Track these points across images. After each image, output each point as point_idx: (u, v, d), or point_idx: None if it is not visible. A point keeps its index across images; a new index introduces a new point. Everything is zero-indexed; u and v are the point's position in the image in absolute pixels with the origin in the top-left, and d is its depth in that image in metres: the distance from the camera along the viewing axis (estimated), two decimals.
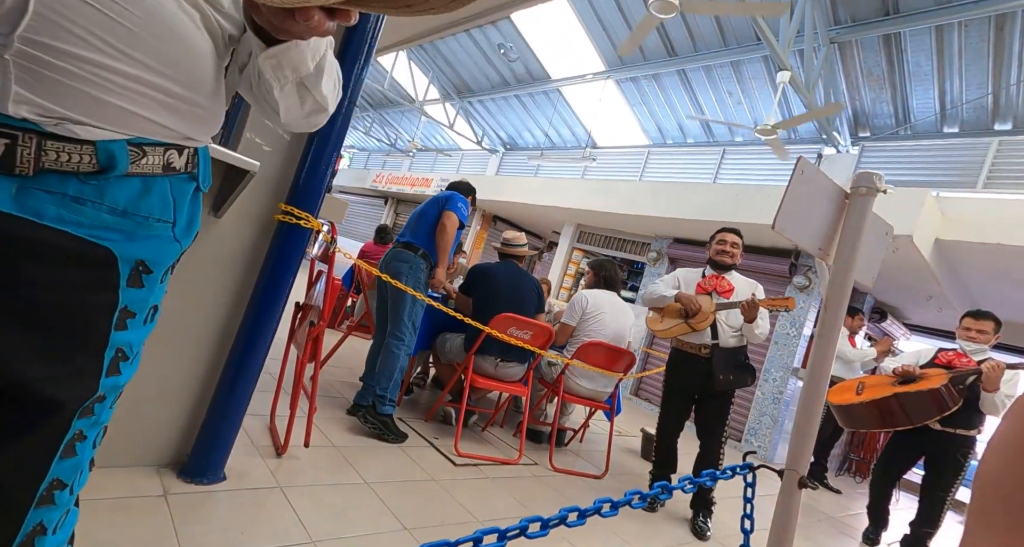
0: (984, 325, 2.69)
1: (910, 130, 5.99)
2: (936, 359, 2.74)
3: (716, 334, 2.41)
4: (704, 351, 2.44)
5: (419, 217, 2.63)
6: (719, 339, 2.41)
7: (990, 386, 2.46)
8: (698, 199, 5.37)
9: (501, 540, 0.58)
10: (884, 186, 0.88)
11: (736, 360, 2.43)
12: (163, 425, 1.52)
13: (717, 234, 2.60)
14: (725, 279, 2.52)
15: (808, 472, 3.33)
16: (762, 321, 2.40)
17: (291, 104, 0.61)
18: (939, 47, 5.08)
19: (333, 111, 0.67)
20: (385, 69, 10.10)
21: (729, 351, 2.42)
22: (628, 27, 6.83)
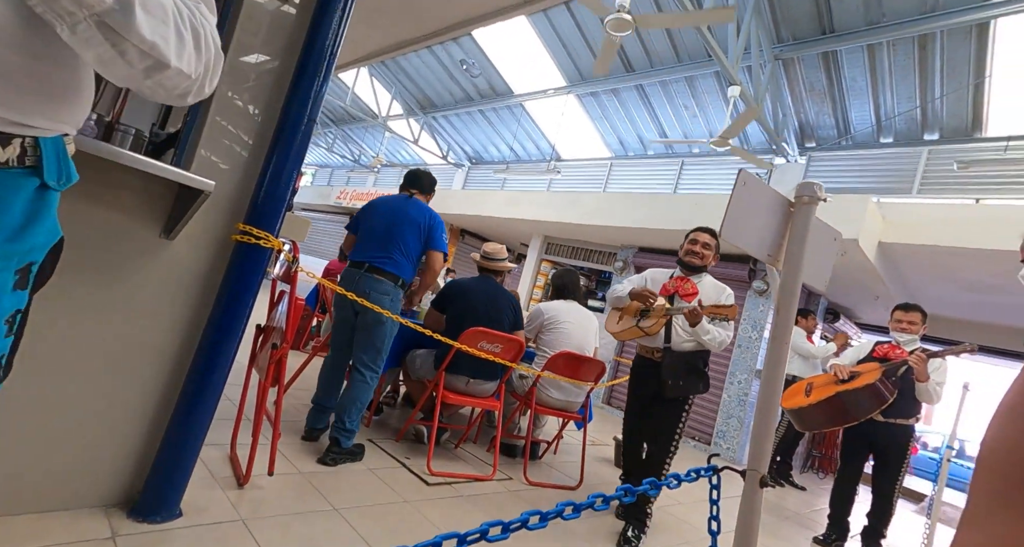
0: (913, 316, 2.89)
1: (851, 140, 6.40)
2: (874, 352, 2.91)
3: (669, 338, 2.32)
4: (657, 355, 2.35)
5: (393, 238, 2.35)
6: (671, 342, 2.31)
7: (921, 377, 2.64)
8: (660, 209, 5.54)
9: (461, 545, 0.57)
10: (824, 195, 0.94)
11: (688, 365, 2.29)
12: (110, 461, 1.43)
13: (691, 233, 2.47)
14: (690, 282, 2.39)
15: (776, 471, 3.41)
16: (718, 329, 2.27)
17: (105, 56, 0.46)
18: (871, 64, 5.47)
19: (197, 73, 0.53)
20: (347, 85, 10.03)
21: (681, 355, 2.30)
22: (586, 43, 7.05)
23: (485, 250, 2.93)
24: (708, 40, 4.70)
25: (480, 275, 2.93)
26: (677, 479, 0.83)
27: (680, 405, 2.30)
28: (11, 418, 1.26)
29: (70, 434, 1.35)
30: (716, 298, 2.32)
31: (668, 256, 6.04)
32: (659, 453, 2.29)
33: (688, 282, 2.39)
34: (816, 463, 5.69)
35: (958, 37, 4.88)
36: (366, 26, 3.23)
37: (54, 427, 1.33)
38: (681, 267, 2.46)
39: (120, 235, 1.37)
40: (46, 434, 1.32)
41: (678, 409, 2.30)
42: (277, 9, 1.60)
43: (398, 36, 3.53)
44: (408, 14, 3.05)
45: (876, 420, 2.73)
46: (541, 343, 3.02)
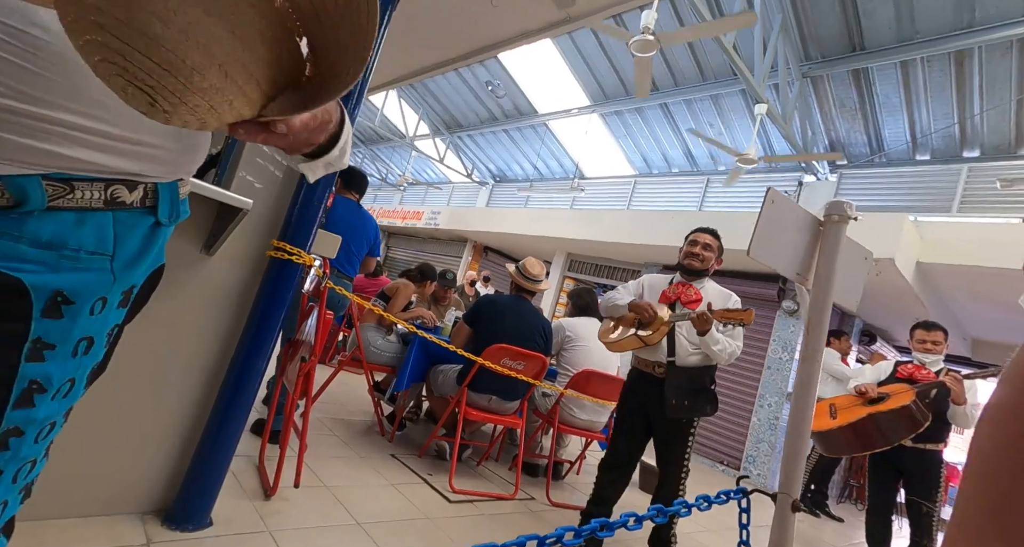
0: (936, 335, 2.75)
1: (884, 158, 6.24)
2: (897, 372, 2.76)
3: (673, 350, 2.06)
4: (659, 370, 2.10)
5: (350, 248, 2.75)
6: (676, 356, 2.06)
7: (959, 399, 2.49)
8: (684, 226, 5.47)
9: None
10: (855, 214, 0.93)
11: (695, 383, 2.04)
12: (147, 470, 1.48)
13: (690, 234, 2.26)
14: (693, 287, 2.15)
15: (810, 500, 3.22)
16: (728, 339, 2.04)
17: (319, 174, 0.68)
18: (905, 81, 5.36)
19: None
20: (376, 107, 10.38)
21: (687, 371, 2.05)
22: (609, 63, 7.14)
23: (528, 270, 2.81)
24: (734, 59, 4.70)
25: (515, 293, 2.85)
26: (707, 501, 0.81)
27: (687, 427, 2.07)
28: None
29: (112, 442, 1.41)
30: (724, 304, 2.10)
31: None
32: (670, 480, 2.09)
33: (691, 288, 2.16)
34: (854, 493, 5.41)
35: (997, 52, 4.75)
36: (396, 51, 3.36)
37: (98, 435, 1.39)
38: (681, 272, 2.22)
39: (168, 251, 1.45)
40: (90, 442, 1.38)
41: (684, 432, 2.07)
42: None
43: (426, 60, 3.65)
44: (437, 39, 3.16)
45: (904, 445, 2.58)
46: (563, 361, 2.99)
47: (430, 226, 9.24)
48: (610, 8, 2.66)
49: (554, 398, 2.81)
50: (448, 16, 2.90)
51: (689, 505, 0.77)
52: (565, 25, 2.82)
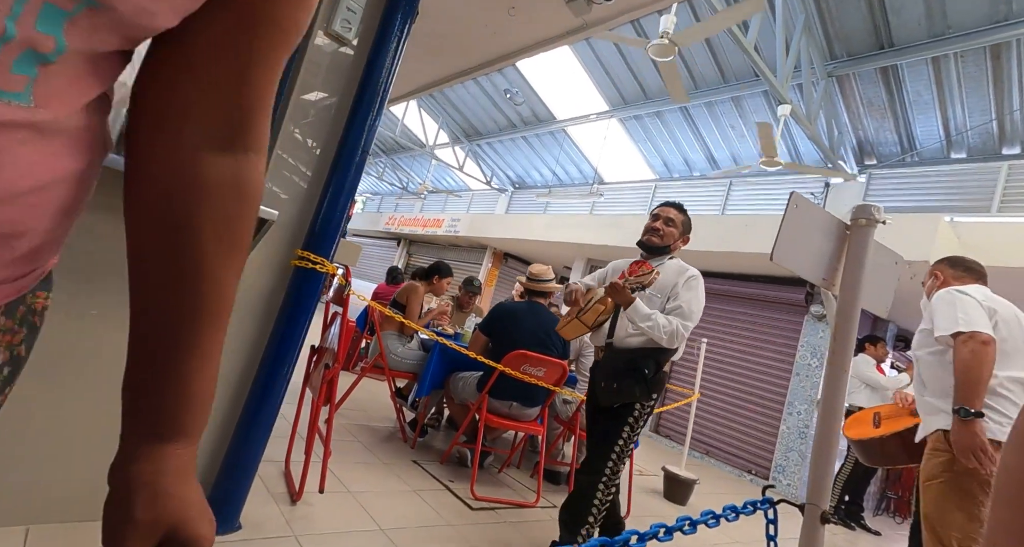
0: None
1: (916, 157, 6.03)
2: None
3: (613, 331, 1.94)
4: (600, 353, 1.99)
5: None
6: (614, 337, 1.92)
7: None
8: (707, 231, 5.40)
9: None
10: (883, 217, 0.90)
11: (627, 365, 1.82)
12: None
13: (655, 209, 2.10)
14: (648, 265, 1.98)
15: (844, 512, 3.10)
16: (665, 317, 1.81)
17: None
18: (937, 77, 5.18)
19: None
20: (396, 117, 10.57)
21: (624, 354, 1.87)
22: (628, 67, 7.12)
23: (531, 272, 2.90)
24: (755, 59, 4.63)
25: (528, 300, 2.89)
26: (735, 511, 0.79)
27: (620, 417, 1.81)
28: (91, 429, 1.38)
29: None
30: (674, 281, 1.92)
31: (716, 279, 5.84)
32: (583, 480, 1.81)
33: (644, 265, 1.99)
34: (892, 505, 5.18)
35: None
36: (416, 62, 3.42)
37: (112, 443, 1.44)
38: (641, 249, 2.06)
39: None
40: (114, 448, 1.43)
41: (618, 422, 1.81)
42: (336, 51, 1.74)
43: (446, 70, 3.71)
44: (455, 50, 3.21)
45: None
46: (582, 368, 2.97)
47: (450, 233, 9.33)
48: (627, 14, 2.65)
49: (575, 405, 2.79)
50: (466, 26, 2.95)
51: (717, 516, 0.75)
52: (582, 32, 2.83)
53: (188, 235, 0.34)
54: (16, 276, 0.32)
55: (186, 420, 0.36)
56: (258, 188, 0.37)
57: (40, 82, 0.26)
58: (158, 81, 0.33)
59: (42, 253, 0.33)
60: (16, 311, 0.34)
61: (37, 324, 0.37)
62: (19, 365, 0.36)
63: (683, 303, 1.85)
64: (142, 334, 0.35)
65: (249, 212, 0.37)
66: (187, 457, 0.36)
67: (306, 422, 2.00)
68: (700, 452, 5.39)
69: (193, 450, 0.37)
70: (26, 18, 0.23)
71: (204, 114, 0.33)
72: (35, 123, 0.26)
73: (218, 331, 0.37)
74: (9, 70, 0.24)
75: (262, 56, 0.34)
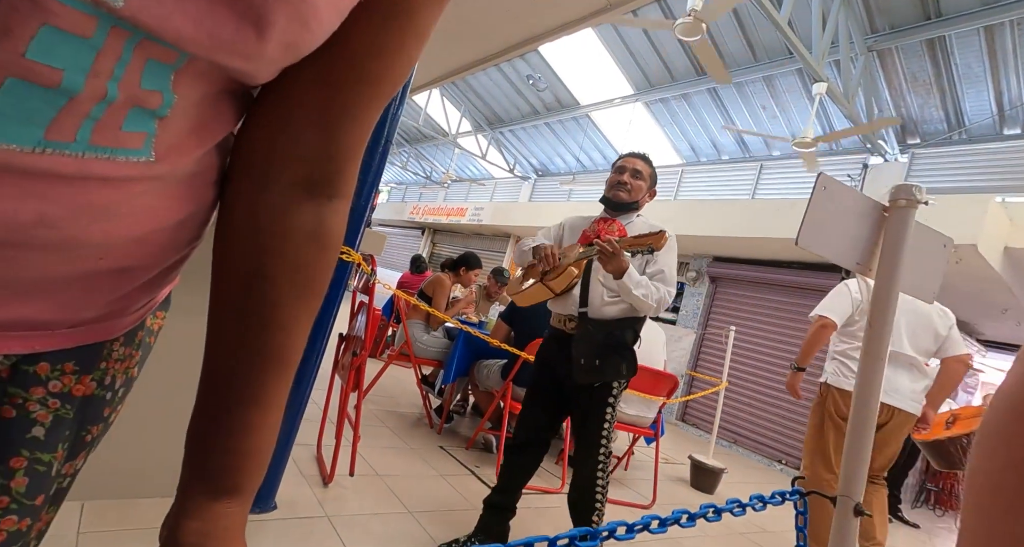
0: None
1: (965, 134, 5.68)
2: None
3: (586, 300, 1.67)
4: (570, 325, 1.70)
5: None
6: (589, 306, 1.66)
7: None
8: (736, 216, 5.25)
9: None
10: (925, 197, 0.85)
11: (611, 339, 1.61)
12: None
13: (618, 160, 1.85)
14: (617, 223, 1.76)
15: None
16: (654, 283, 1.62)
17: None
18: (990, 48, 4.84)
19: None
20: (419, 106, 10.59)
21: (602, 325, 1.64)
22: (654, 49, 6.91)
23: None
24: (788, 36, 4.42)
25: None
26: (762, 501, 0.77)
27: (603, 395, 1.64)
28: (144, 411, 1.46)
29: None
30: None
31: (747, 265, 5.69)
32: (584, 467, 1.65)
33: (614, 224, 1.76)
34: (933, 498, 5.01)
35: None
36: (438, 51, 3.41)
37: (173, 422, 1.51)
38: (606, 206, 1.81)
39: None
40: (167, 428, 1.51)
41: (600, 402, 1.64)
42: None
43: (468, 57, 3.68)
44: (477, 36, 3.18)
45: None
46: None
47: (474, 222, 9.34)
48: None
49: None
50: (488, 12, 2.91)
51: (743, 504, 0.74)
52: (606, 13, 2.76)
53: (263, 281, 0.34)
54: (137, 306, 0.33)
55: (241, 477, 0.35)
56: (338, 235, 0.37)
57: (160, 137, 0.26)
58: (253, 127, 0.34)
59: (162, 282, 0.35)
60: (135, 337, 0.36)
61: (151, 343, 0.39)
62: (131, 385, 0.37)
63: (664, 267, 1.65)
64: (209, 381, 0.35)
65: (327, 260, 0.36)
66: (238, 517, 0.35)
67: (336, 408, 2.06)
68: (728, 441, 5.31)
69: (245, 509, 0.36)
70: (129, 78, 0.24)
71: (290, 163, 0.33)
72: (155, 176, 0.27)
73: (282, 385, 0.36)
74: (120, 128, 0.25)
75: (349, 111, 0.33)
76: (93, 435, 0.35)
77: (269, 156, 0.33)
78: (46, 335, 0.29)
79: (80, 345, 0.31)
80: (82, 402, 0.33)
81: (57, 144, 0.23)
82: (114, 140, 0.25)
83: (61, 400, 0.31)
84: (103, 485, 1.43)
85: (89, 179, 0.24)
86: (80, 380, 0.32)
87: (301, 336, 0.36)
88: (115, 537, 1.32)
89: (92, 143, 0.24)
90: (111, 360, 0.34)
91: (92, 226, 0.26)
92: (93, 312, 0.30)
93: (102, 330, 0.32)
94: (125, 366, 0.35)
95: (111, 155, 0.25)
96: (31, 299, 0.27)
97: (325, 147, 0.34)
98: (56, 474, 0.33)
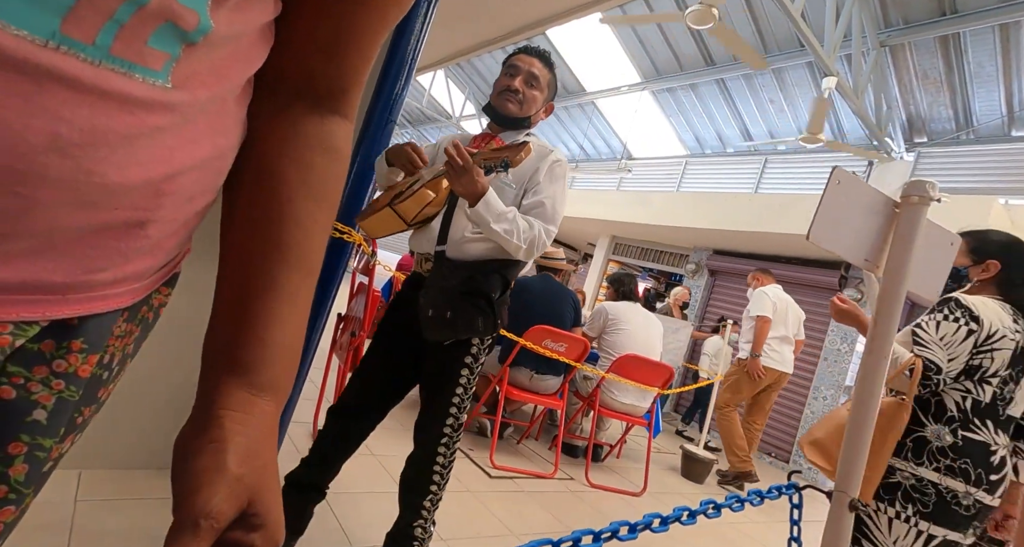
0: None
1: (973, 134, 5.64)
2: None
3: (446, 234, 1.31)
4: (426, 265, 1.35)
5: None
6: (448, 243, 1.30)
7: None
8: (739, 209, 5.23)
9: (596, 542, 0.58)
10: (938, 195, 0.84)
11: (466, 285, 1.24)
12: None
13: (509, 57, 1.41)
14: (499, 142, 1.37)
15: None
16: (524, 218, 1.26)
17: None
18: (1004, 46, 4.78)
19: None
20: (423, 87, 10.44)
21: (457, 267, 1.28)
22: (663, 37, 6.80)
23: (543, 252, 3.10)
24: (801, 28, 4.35)
25: (540, 273, 3.03)
26: (760, 496, 0.78)
27: (454, 357, 1.29)
28: (141, 383, 1.46)
29: (186, 404, 1.54)
30: (534, 167, 1.31)
31: (747, 260, 5.68)
32: (425, 437, 1.33)
33: (494, 142, 1.38)
34: None
35: None
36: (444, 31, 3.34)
37: (172, 394, 1.51)
38: (490, 117, 1.41)
39: None
40: (166, 400, 1.51)
41: (454, 363, 1.29)
42: None
43: (474, 39, 3.62)
44: (484, 18, 3.12)
45: None
46: (604, 345, 2.97)
47: None
48: None
49: (595, 381, 2.80)
50: None
51: (742, 500, 0.74)
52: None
53: (274, 179, 0.34)
54: (145, 273, 0.31)
55: (276, 371, 0.32)
56: (345, 150, 0.38)
57: (182, 63, 0.24)
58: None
59: (173, 247, 0.32)
60: (139, 312, 0.33)
61: (151, 320, 0.36)
62: (126, 364, 0.35)
63: (546, 199, 1.30)
64: (230, 279, 0.34)
65: (335, 169, 0.37)
66: (275, 418, 0.32)
67: (333, 387, 2.07)
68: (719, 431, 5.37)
69: (279, 412, 0.33)
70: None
71: (296, 82, 0.35)
72: (173, 105, 0.25)
73: (305, 278, 0.35)
74: (146, 42, 0.22)
75: (353, 38, 0.35)
76: (84, 417, 0.32)
77: (277, 77, 0.35)
78: (58, 300, 0.26)
79: (91, 314, 0.28)
80: (88, 383, 0.30)
81: (73, 42, 0.20)
82: (137, 54, 0.22)
83: (66, 381, 0.28)
84: (101, 455, 1.44)
85: (107, 97, 0.22)
86: (87, 360, 0.29)
87: (318, 237, 0.36)
88: (112, 506, 1.33)
89: (113, 52, 0.21)
90: (112, 336, 0.31)
91: (109, 160, 0.23)
92: (106, 275, 0.27)
93: (113, 299, 0.29)
94: (124, 343, 0.33)
95: (129, 70, 0.22)
96: (40, 256, 0.24)
97: (331, 70, 0.35)
98: (54, 460, 0.30)
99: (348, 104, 0.37)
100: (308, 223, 0.35)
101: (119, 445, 1.47)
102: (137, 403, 1.47)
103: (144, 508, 1.36)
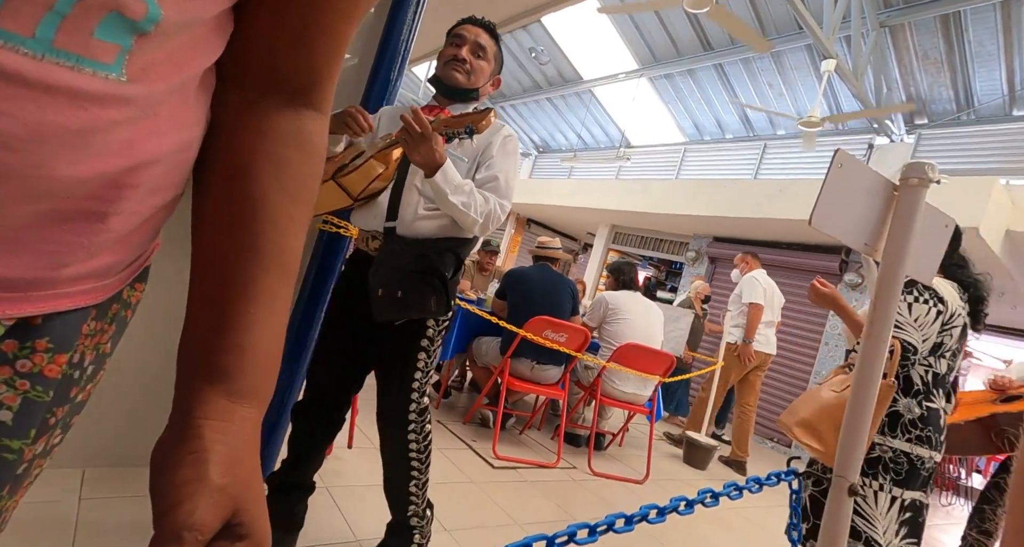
0: None
1: (974, 115, 5.58)
2: None
3: (396, 210, 1.24)
4: (373, 243, 1.29)
5: None
6: (399, 220, 1.23)
7: None
8: (738, 195, 5.20)
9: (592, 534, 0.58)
10: (938, 176, 0.83)
11: (417, 264, 1.18)
12: None
13: (454, 27, 1.36)
14: (447, 114, 1.31)
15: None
16: (481, 193, 1.21)
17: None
18: (1006, 24, 4.71)
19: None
20: (419, 78, 10.34)
21: (408, 245, 1.21)
22: (660, 22, 6.71)
23: (539, 240, 3.11)
24: (799, 9, 4.29)
25: (538, 263, 3.02)
26: (759, 483, 0.78)
27: (412, 338, 1.24)
28: (142, 380, 1.46)
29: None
30: (486, 141, 1.28)
31: (746, 246, 5.67)
32: (390, 439, 1.30)
33: (442, 114, 1.31)
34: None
35: None
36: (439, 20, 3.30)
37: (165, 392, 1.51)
38: (436, 88, 1.35)
39: None
40: (169, 396, 1.51)
41: (408, 345, 1.24)
42: None
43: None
44: (479, 5, 3.08)
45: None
46: (605, 334, 2.97)
47: None
48: None
49: (596, 370, 2.81)
50: None
51: (740, 488, 0.74)
52: None
53: (247, 177, 0.33)
54: (112, 269, 0.30)
55: (257, 377, 0.31)
56: (320, 145, 0.36)
57: (135, 54, 0.23)
58: (231, 45, 0.32)
59: (140, 241, 0.31)
60: (109, 310, 0.32)
61: (128, 318, 0.36)
62: (102, 362, 0.34)
63: (499, 173, 1.25)
64: (203, 281, 0.32)
65: (311, 164, 0.36)
66: (257, 425, 0.31)
67: None
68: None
69: (260, 419, 0.32)
70: None
71: (267, 73, 0.34)
72: (129, 98, 0.24)
73: (282, 280, 0.34)
74: (92, 34, 0.21)
75: (323, 27, 0.33)
76: (58, 417, 0.31)
77: (244, 68, 0.33)
78: (20, 298, 0.25)
79: (55, 311, 0.27)
80: (59, 384, 0.29)
81: (11, 36, 0.19)
82: (83, 47, 0.21)
83: (31, 381, 0.27)
84: (104, 452, 1.45)
85: (53, 92, 0.21)
86: (54, 360, 0.28)
87: (293, 236, 0.34)
88: (116, 504, 1.34)
89: (56, 45, 0.20)
90: (82, 335, 0.31)
91: (59, 155, 0.22)
92: (70, 271, 0.27)
93: (79, 296, 0.28)
94: (96, 342, 0.32)
95: (76, 64, 0.21)
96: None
97: (301, 61, 0.34)
98: (28, 462, 0.30)
99: (321, 98, 0.36)
100: (283, 222, 0.34)
101: (122, 443, 1.47)
102: (140, 400, 1.48)
103: (148, 505, 1.37)
